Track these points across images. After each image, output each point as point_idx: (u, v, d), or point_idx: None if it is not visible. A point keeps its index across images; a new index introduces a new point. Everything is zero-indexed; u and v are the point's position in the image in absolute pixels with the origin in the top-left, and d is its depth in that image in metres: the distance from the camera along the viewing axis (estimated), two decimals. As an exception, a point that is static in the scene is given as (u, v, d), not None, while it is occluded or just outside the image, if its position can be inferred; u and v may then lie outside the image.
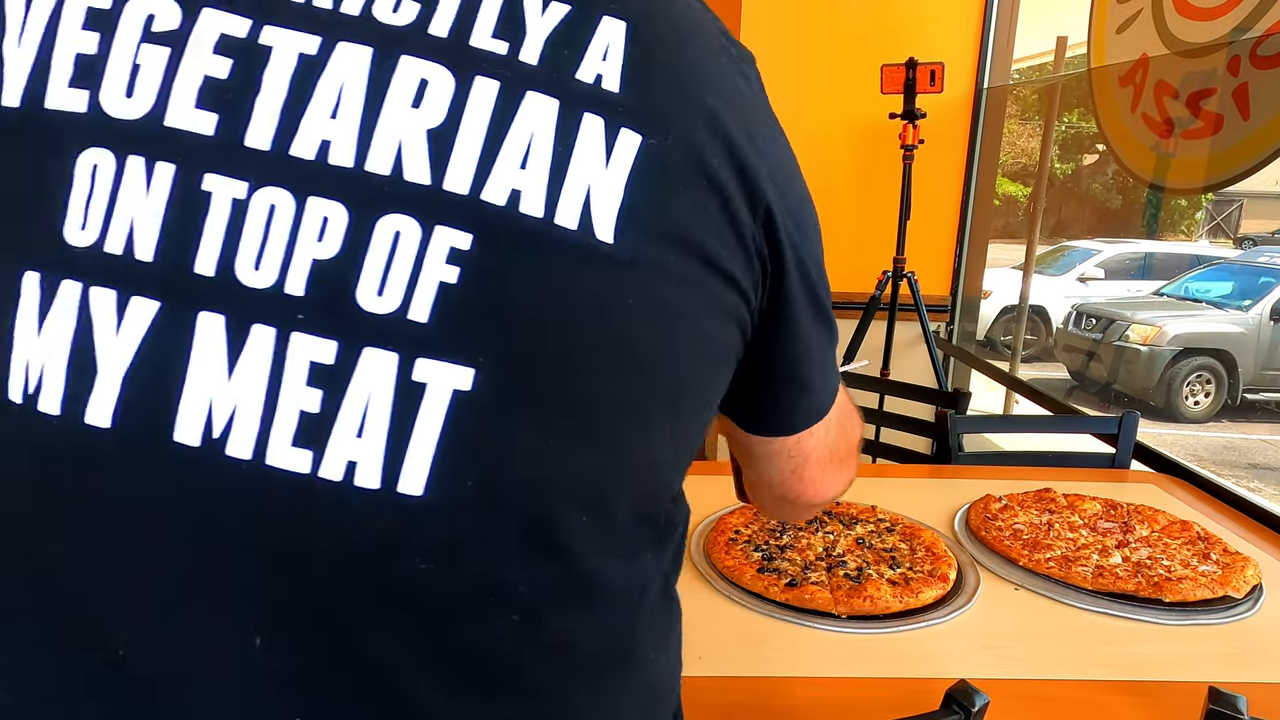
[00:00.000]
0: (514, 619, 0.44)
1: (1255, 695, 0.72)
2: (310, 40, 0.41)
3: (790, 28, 2.62)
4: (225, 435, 0.39)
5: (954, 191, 2.79)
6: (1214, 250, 8.43)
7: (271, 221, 0.40)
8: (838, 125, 2.69)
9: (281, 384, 0.40)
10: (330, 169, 0.40)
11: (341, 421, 0.40)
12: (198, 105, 0.40)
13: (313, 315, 0.40)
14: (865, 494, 1.36)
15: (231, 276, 0.39)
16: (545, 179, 0.42)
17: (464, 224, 0.41)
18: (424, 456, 0.40)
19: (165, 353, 0.39)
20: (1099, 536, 1.21)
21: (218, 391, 0.39)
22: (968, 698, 0.67)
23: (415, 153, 0.41)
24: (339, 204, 0.40)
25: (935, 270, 2.83)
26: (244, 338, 0.39)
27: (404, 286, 0.40)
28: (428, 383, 0.40)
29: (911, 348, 2.72)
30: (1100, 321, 6.28)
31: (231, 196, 0.40)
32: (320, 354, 0.40)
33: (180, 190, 0.39)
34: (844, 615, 1.00)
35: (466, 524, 0.42)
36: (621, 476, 0.46)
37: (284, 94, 0.41)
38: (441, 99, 0.41)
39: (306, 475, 0.40)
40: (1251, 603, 1.05)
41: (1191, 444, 5.63)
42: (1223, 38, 1.72)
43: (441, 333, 0.41)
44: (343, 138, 0.41)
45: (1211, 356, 5.97)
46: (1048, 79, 3.18)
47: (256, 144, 0.40)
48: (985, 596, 1.06)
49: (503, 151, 0.42)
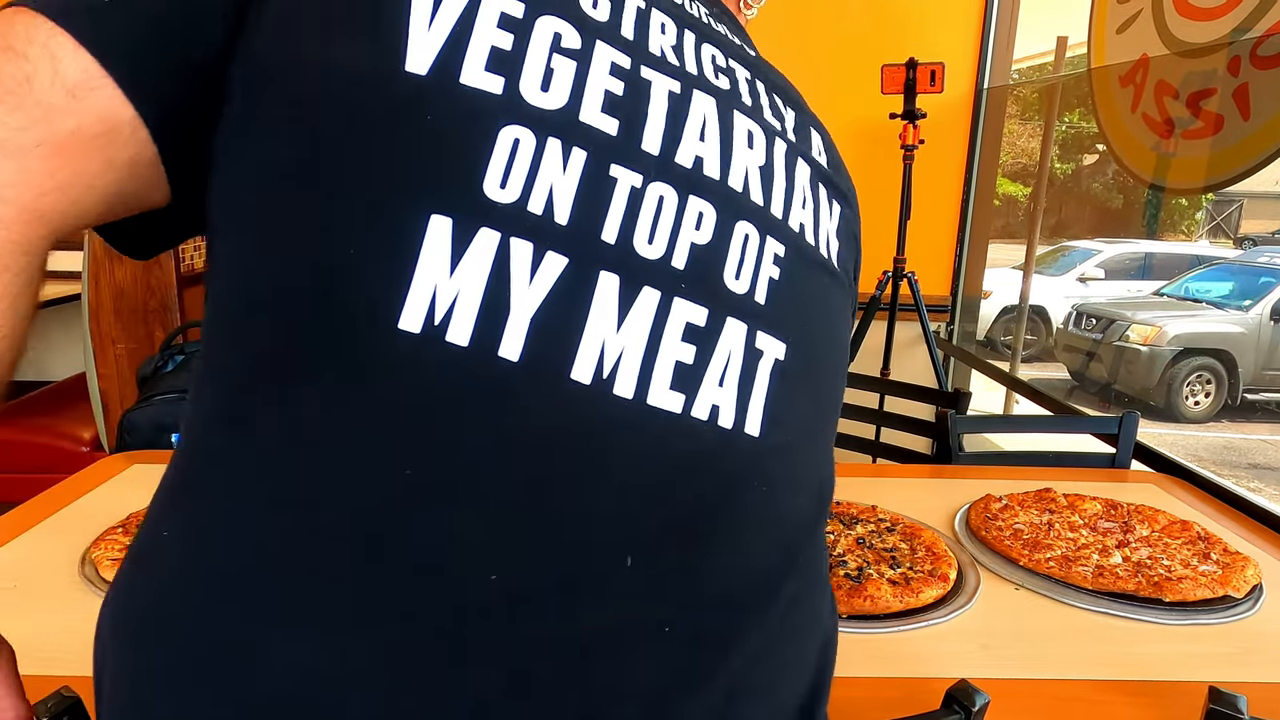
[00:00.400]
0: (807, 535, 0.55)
1: (1255, 695, 0.72)
2: (674, 84, 0.52)
3: (790, 28, 2.62)
4: (613, 376, 0.46)
5: (954, 191, 2.79)
6: (1214, 250, 8.43)
7: (661, 209, 0.49)
8: (838, 125, 2.67)
9: (662, 338, 0.47)
10: (705, 178, 0.51)
11: (709, 373, 0.49)
12: (603, 110, 0.48)
13: (691, 286, 0.49)
14: (865, 494, 1.36)
15: (630, 246, 0.47)
16: (812, 217, 0.59)
17: (781, 238, 0.55)
18: (759, 407, 0.51)
19: (570, 302, 0.45)
20: (1099, 536, 1.21)
21: (609, 339, 0.46)
22: (968, 697, 0.67)
23: (754, 180, 0.54)
24: (710, 205, 0.51)
25: (935, 270, 2.83)
26: (634, 296, 0.47)
27: (751, 275, 0.52)
28: (764, 350, 0.52)
29: (911, 348, 2.72)
30: (1100, 321, 6.28)
31: (630, 185, 0.48)
32: (695, 317, 0.49)
33: (591, 172, 0.47)
34: (844, 615, 1.00)
35: (789, 461, 0.54)
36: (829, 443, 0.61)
37: (664, 115, 0.51)
38: (761, 147, 0.56)
39: (679, 414, 0.47)
40: (1252, 602, 1.05)
41: (1191, 444, 5.63)
42: (1223, 38, 1.72)
43: (771, 313, 0.52)
44: (711, 157, 0.52)
45: (1211, 356, 5.96)
46: (1048, 79, 3.18)
47: (649, 148, 0.50)
48: (985, 596, 1.06)
49: (794, 194, 0.57)
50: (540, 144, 0.46)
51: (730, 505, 0.49)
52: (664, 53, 0.53)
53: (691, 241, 0.50)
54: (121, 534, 1.08)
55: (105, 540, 1.06)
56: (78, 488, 1.29)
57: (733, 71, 0.58)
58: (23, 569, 1.03)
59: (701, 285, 0.49)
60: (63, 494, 1.26)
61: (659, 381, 0.47)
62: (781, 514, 0.53)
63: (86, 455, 2.40)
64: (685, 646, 0.47)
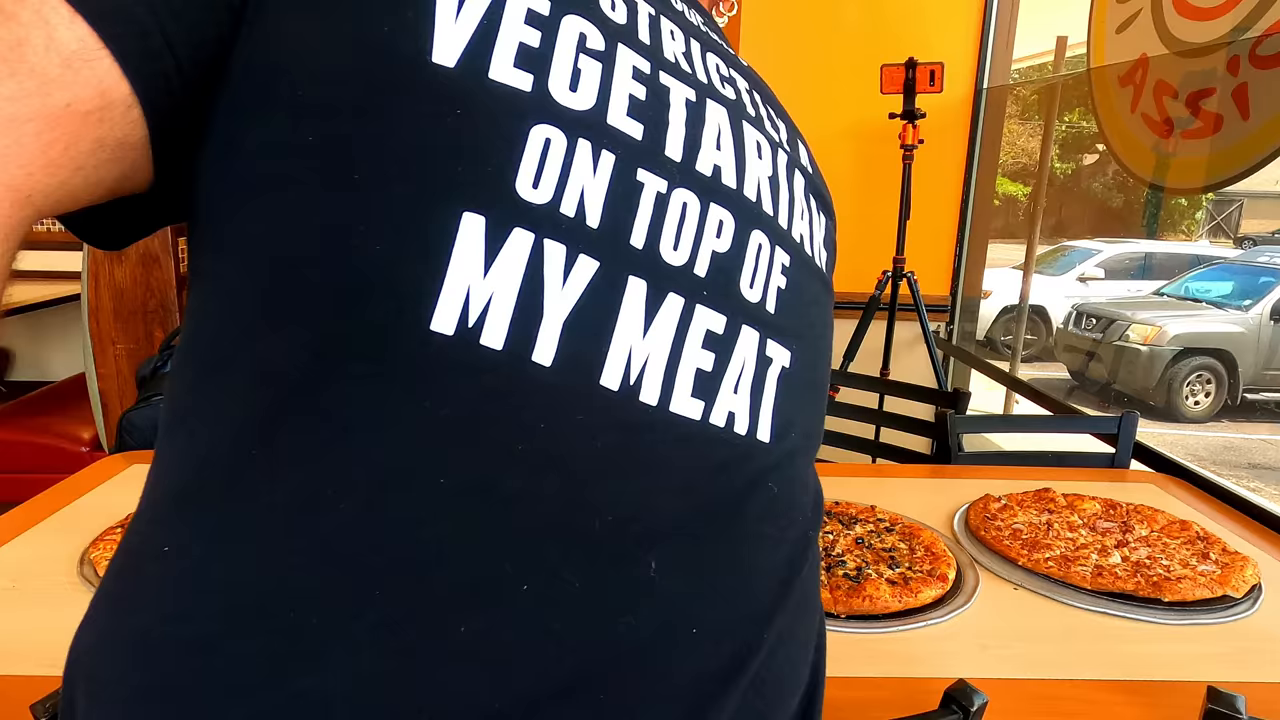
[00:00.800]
0: (811, 534, 0.57)
1: (1254, 695, 0.72)
2: (690, 91, 0.52)
3: (790, 28, 2.62)
4: (639, 383, 0.45)
5: (954, 191, 2.79)
6: (1214, 250, 8.42)
7: (685, 216, 0.49)
8: (837, 125, 2.69)
9: (684, 344, 0.47)
10: (723, 186, 0.51)
11: (726, 380, 0.49)
12: (628, 114, 0.48)
13: (711, 293, 0.49)
14: (864, 494, 1.36)
15: (656, 252, 0.47)
16: (808, 228, 0.60)
17: (787, 248, 0.55)
18: (769, 414, 0.52)
19: (601, 307, 0.44)
20: (1098, 536, 1.21)
21: (636, 345, 0.45)
22: (966, 697, 0.68)
23: (765, 190, 0.55)
24: (729, 213, 0.51)
25: (935, 270, 2.83)
26: (660, 302, 0.47)
27: (763, 283, 0.53)
28: (773, 358, 0.53)
29: (911, 348, 2.72)
30: (1100, 321, 6.28)
31: (656, 190, 0.48)
32: (714, 324, 0.49)
33: (620, 176, 0.46)
34: (843, 615, 1.00)
35: (794, 466, 0.55)
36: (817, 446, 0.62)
37: (684, 123, 0.50)
38: (769, 159, 0.56)
39: (699, 421, 0.48)
40: (1251, 602, 1.05)
41: (1191, 444, 5.63)
42: (1222, 37, 1.72)
43: (780, 321, 0.53)
44: (727, 166, 0.52)
45: (1211, 356, 5.97)
46: (1047, 79, 3.18)
47: (673, 154, 0.49)
48: (984, 596, 1.06)
49: (795, 205, 0.58)
50: (571, 145, 0.45)
51: (747, 508, 0.50)
52: (677, 60, 0.53)
53: (713, 249, 0.50)
54: (121, 534, 1.08)
55: (104, 540, 1.06)
56: (77, 488, 1.29)
57: (734, 81, 0.58)
58: (22, 569, 1.03)
59: (721, 293, 0.50)
60: (62, 494, 1.26)
61: (681, 388, 0.47)
62: (791, 517, 0.54)
63: (86, 455, 2.40)
64: (716, 644, 0.47)
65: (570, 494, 0.43)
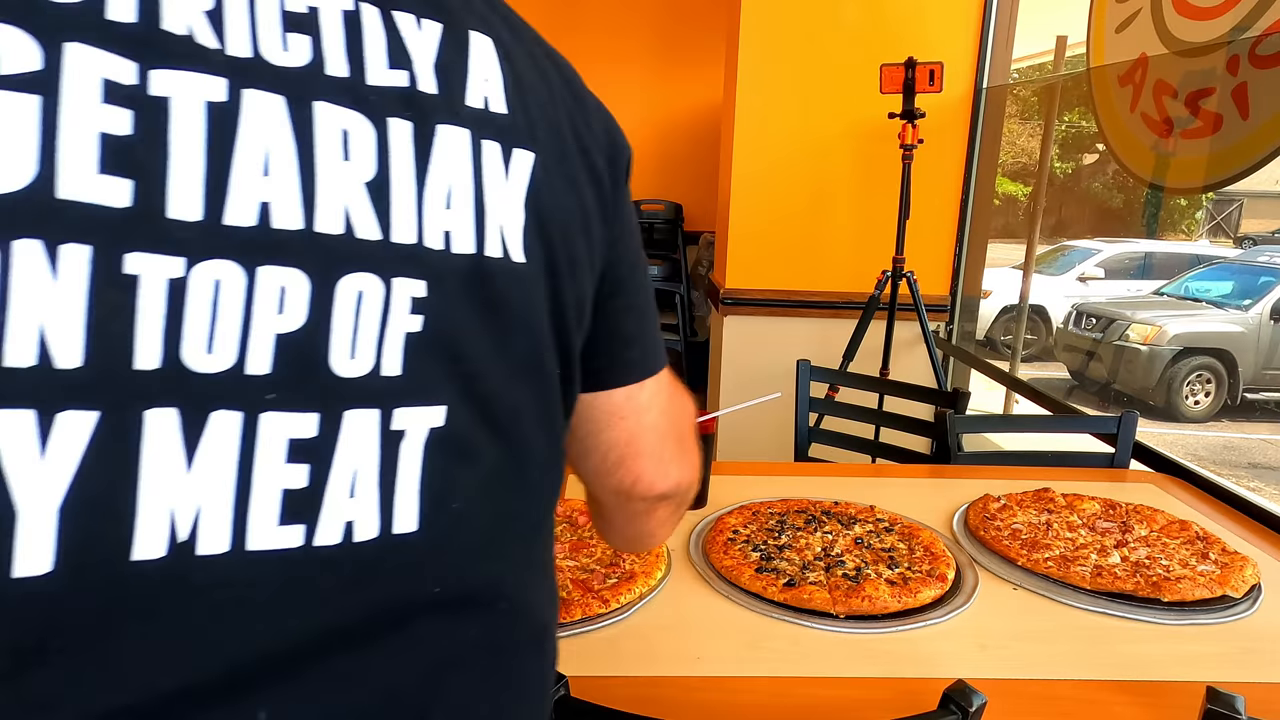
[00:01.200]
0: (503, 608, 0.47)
1: (1253, 695, 0.72)
2: (211, 84, 0.36)
3: (789, 28, 2.62)
4: (193, 537, 0.36)
5: (953, 191, 2.79)
6: (1214, 250, 8.42)
7: (219, 299, 0.36)
8: (837, 125, 2.69)
9: (254, 467, 0.37)
10: (277, 234, 0.37)
11: (332, 488, 0.39)
12: (101, 170, 0.33)
13: (285, 392, 0.37)
14: (864, 494, 1.36)
15: (180, 366, 0.35)
16: (471, 209, 0.44)
17: (417, 271, 0.41)
18: (411, 498, 0.42)
19: (109, 467, 0.34)
20: (1098, 536, 1.21)
21: (177, 493, 0.35)
22: (965, 698, 0.67)
23: (360, 207, 0.40)
24: (296, 270, 0.38)
25: (935, 270, 2.83)
26: (200, 429, 0.36)
27: (374, 344, 0.40)
28: (406, 429, 0.41)
29: (911, 348, 2.72)
30: (1100, 321, 6.28)
31: (165, 277, 0.34)
32: (300, 429, 0.38)
33: (99, 276, 0.33)
34: (842, 615, 1.00)
35: (472, 529, 0.45)
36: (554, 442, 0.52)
37: (199, 151, 0.35)
38: (367, 149, 0.40)
39: (298, 548, 0.38)
40: (1250, 602, 1.05)
41: (1191, 444, 5.63)
42: (1222, 37, 1.71)
43: (413, 380, 0.41)
44: (283, 198, 0.37)
45: (1211, 356, 5.96)
46: (1047, 79, 3.18)
47: (183, 213, 0.35)
48: (983, 596, 1.06)
49: (431, 193, 0.42)
50: (4, 254, 0.32)
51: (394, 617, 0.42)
52: (191, 30, 0.36)
53: (275, 332, 0.37)
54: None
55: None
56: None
57: (314, 15, 0.40)
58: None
59: (302, 385, 0.38)
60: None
61: (261, 521, 0.37)
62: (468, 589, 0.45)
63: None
64: None
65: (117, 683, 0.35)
